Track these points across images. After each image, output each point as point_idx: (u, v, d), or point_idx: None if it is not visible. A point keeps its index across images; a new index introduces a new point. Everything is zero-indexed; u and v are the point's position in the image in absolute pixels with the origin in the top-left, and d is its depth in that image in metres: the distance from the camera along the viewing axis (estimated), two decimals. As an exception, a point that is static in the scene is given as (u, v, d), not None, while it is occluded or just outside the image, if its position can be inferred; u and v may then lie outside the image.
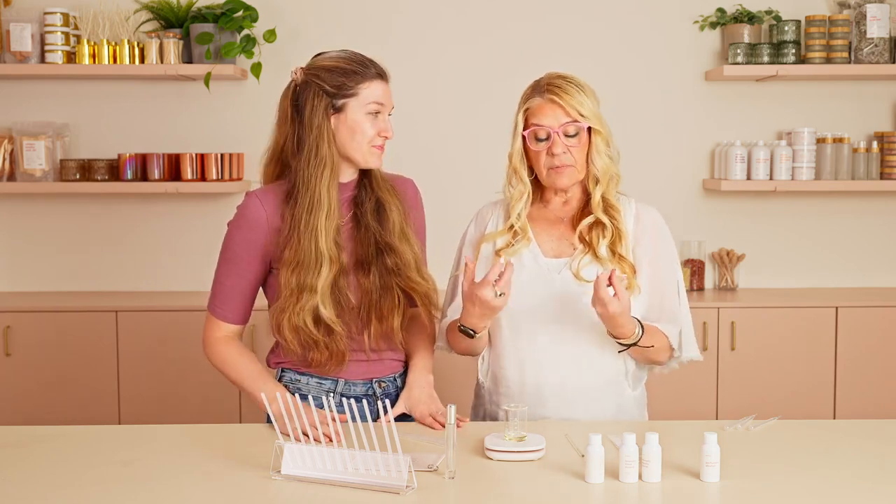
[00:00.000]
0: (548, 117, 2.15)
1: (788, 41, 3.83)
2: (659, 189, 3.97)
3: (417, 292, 2.20)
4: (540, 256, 2.21)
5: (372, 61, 2.15)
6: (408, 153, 3.17)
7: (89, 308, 3.69)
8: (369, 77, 2.11)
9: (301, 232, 2.09)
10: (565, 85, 2.16)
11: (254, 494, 1.75)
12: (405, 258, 2.17)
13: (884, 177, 3.92)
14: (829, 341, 3.73)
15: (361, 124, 2.11)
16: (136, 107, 3.99)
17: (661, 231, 2.26)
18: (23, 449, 2.00)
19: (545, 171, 2.18)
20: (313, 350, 2.13)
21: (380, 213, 2.19)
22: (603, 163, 2.18)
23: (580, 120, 2.14)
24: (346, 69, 2.11)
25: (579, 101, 2.14)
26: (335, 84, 2.10)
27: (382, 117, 2.14)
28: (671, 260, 2.26)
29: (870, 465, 1.89)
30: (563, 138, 2.15)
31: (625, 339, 2.11)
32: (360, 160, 2.14)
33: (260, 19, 3.86)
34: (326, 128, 2.10)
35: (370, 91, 2.11)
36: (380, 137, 2.13)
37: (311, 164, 2.10)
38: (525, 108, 2.19)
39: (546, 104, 2.15)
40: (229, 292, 2.20)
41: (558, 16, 3.99)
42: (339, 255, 2.11)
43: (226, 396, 3.60)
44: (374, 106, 2.11)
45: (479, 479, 1.82)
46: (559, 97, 2.14)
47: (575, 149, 2.16)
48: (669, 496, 1.74)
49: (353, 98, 2.10)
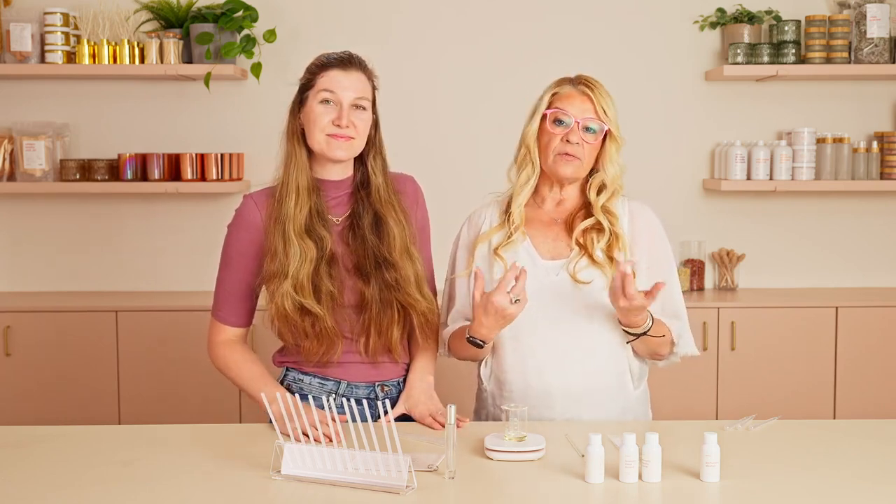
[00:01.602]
0: (575, 106, 2.18)
1: (788, 41, 3.83)
2: (659, 189, 3.97)
3: (416, 310, 2.19)
4: (537, 258, 2.21)
5: (345, 55, 2.15)
6: (408, 153, 3.15)
7: (89, 308, 3.69)
8: (326, 67, 2.13)
9: (275, 221, 2.12)
10: (599, 85, 2.22)
11: (254, 494, 1.75)
12: (405, 273, 2.17)
13: (884, 177, 3.92)
14: (829, 341, 3.73)
15: (314, 112, 2.12)
16: (136, 107, 3.99)
17: (657, 230, 2.26)
18: (23, 449, 2.00)
19: (552, 157, 2.19)
20: (303, 338, 2.14)
21: (378, 228, 2.18)
22: (615, 171, 2.21)
23: (604, 119, 2.18)
24: (315, 64, 2.16)
25: (608, 103, 2.20)
26: (304, 80, 2.16)
27: (338, 107, 2.11)
28: (668, 258, 2.26)
29: (870, 465, 1.89)
30: (581, 131, 2.17)
31: (636, 327, 2.12)
32: (319, 151, 2.14)
33: (260, 19, 3.86)
34: (293, 123, 2.16)
35: (323, 80, 2.12)
36: (333, 126, 2.11)
37: (283, 159, 2.16)
38: (553, 92, 2.22)
39: (577, 94, 2.19)
40: (229, 296, 2.21)
41: (558, 16, 3.99)
42: (319, 245, 2.12)
43: (226, 396, 3.60)
44: (324, 94, 2.11)
45: (479, 479, 1.82)
46: (592, 92, 2.19)
47: (589, 146, 2.18)
48: (669, 496, 1.74)
49: (311, 90, 2.14)
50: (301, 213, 2.12)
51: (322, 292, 2.11)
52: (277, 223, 2.12)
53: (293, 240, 2.10)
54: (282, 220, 2.11)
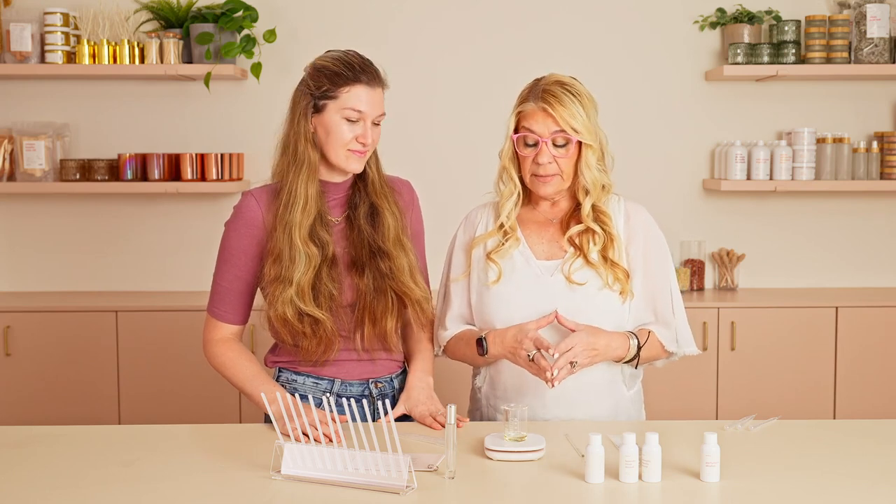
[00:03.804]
0: (538, 124, 2.12)
1: (788, 41, 3.83)
2: (659, 189, 3.97)
3: (410, 298, 2.19)
4: (532, 259, 2.20)
5: (366, 65, 2.12)
6: (405, 155, 3.16)
7: (89, 308, 3.69)
8: (352, 81, 2.09)
9: (279, 226, 2.11)
10: (561, 94, 2.11)
11: (254, 494, 1.75)
12: (399, 263, 2.17)
13: (884, 177, 3.92)
14: (829, 341, 3.73)
15: (337, 128, 2.10)
16: (136, 107, 3.99)
17: (652, 230, 2.24)
18: (23, 449, 2.00)
19: (529, 178, 2.18)
20: (301, 339, 2.14)
21: (374, 218, 2.19)
22: (592, 176, 2.16)
23: (570, 133, 2.11)
24: (332, 70, 2.10)
25: (572, 112, 2.10)
26: (319, 85, 2.10)
27: (362, 124, 2.11)
28: (663, 259, 2.24)
29: (870, 465, 1.89)
30: (551, 148, 2.12)
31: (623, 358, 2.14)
32: (336, 163, 2.14)
33: (260, 19, 3.86)
34: (305, 127, 2.12)
35: (350, 96, 2.09)
36: (357, 143, 2.12)
37: (289, 163, 2.13)
38: (518, 110, 2.17)
39: (538, 111, 2.12)
40: (227, 293, 2.20)
41: (558, 16, 3.99)
42: (322, 249, 2.12)
43: (226, 396, 3.60)
44: (351, 112, 2.09)
45: (479, 479, 1.82)
46: (552, 107, 2.10)
47: (562, 159, 2.14)
48: (669, 496, 1.74)
49: (332, 101, 2.10)
50: (308, 220, 2.11)
51: (322, 295, 2.11)
52: (284, 229, 2.10)
53: (300, 247, 2.09)
54: (288, 226, 2.10)
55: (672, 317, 2.21)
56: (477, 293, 2.23)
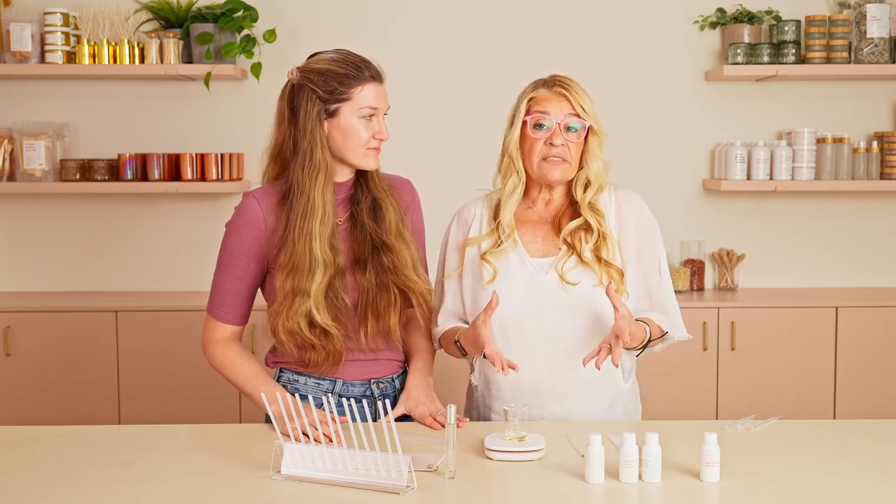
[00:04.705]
0: (553, 107, 2.17)
1: (788, 41, 3.83)
2: (659, 189, 3.97)
3: (413, 291, 2.19)
4: (526, 257, 2.21)
5: (366, 62, 2.13)
6: (405, 155, 3.16)
7: (89, 308, 3.69)
8: (362, 80, 2.10)
9: (296, 236, 2.08)
10: (572, 83, 2.20)
11: (254, 494, 1.75)
12: (401, 256, 2.17)
13: (884, 177, 3.92)
14: (829, 341, 3.73)
15: (355, 128, 2.10)
16: (136, 107, 3.99)
17: (643, 215, 2.25)
18: (23, 449, 2.00)
19: (537, 162, 2.18)
20: (310, 351, 2.14)
21: (376, 212, 2.19)
22: (598, 166, 2.20)
23: (584, 116, 2.17)
24: (339, 73, 2.09)
25: (584, 99, 2.19)
26: (328, 89, 2.09)
27: (377, 120, 2.13)
28: (656, 245, 2.24)
29: (870, 465, 1.89)
30: (563, 132, 2.16)
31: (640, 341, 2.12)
32: (355, 163, 2.14)
33: (260, 19, 3.86)
34: (320, 133, 2.10)
35: (363, 95, 2.10)
36: (375, 140, 2.13)
37: (305, 169, 2.09)
38: (530, 97, 2.20)
39: (553, 96, 2.18)
40: (227, 293, 2.20)
41: (558, 16, 3.99)
42: (335, 259, 2.11)
43: (226, 396, 3.60)
44: (367, 110, 2.11)
45: (479, 479, 1.82)
46: (567, 91, 2.18)
47: (573, 145, 2.17)
48: (669, 496, 1.74)
49: (346, 102, 2.09)
50: (327, 229, 2.10)
51: (333, 304, 2.10)
52: (304, 239, 2.07)
53: (319, 257, 2.07)
54: (309, 236, 2.07)
55: (668, 301, 2.22)
56: (471, 291, 2.23)
